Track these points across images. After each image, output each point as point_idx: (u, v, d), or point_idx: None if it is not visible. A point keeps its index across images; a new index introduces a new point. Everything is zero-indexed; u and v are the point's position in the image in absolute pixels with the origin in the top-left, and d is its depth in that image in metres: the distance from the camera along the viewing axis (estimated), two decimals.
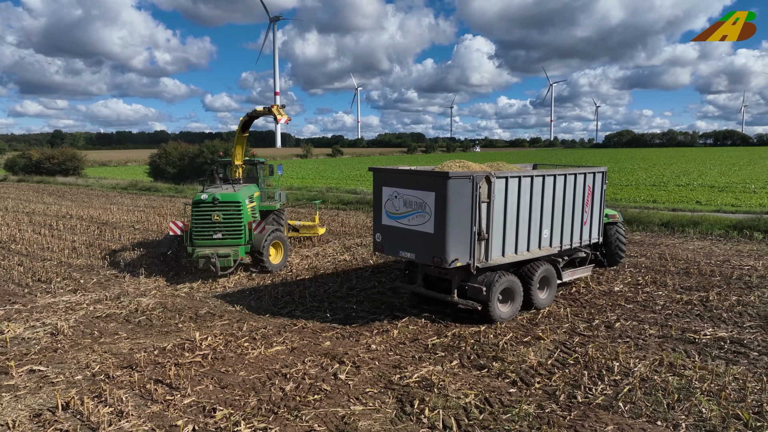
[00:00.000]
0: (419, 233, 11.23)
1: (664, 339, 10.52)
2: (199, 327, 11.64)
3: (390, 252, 12.07)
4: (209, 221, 15.55)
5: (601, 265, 15.73)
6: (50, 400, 8.31)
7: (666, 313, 12.02)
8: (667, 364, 9.23)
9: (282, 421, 7.70)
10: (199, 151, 49.66)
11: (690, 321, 11.50)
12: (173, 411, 7.99)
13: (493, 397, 8.28)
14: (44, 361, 9.86)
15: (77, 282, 15.45)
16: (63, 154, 69.74)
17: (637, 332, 10.90)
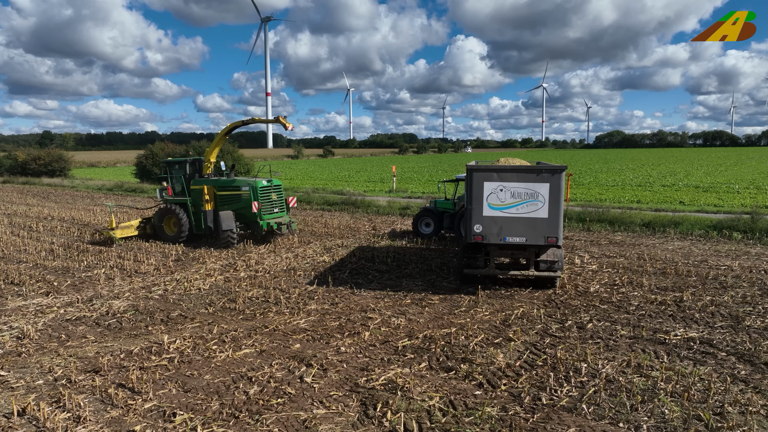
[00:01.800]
0: (529, 219, 13.27)
1: (635, 340, 10.50)
2: (169, 330, 11.51)
3: (493, 240, 13.58)
4: (270, 200, 21.09)
5: None
6: (7, 406, 8.16)
7: (639, 314, 12.01)
8: (635, 365, 9.21)
9: (242, 425, 7.61)
10: (186, 152, 49.34)
11: (662, 321, 11.49)
12: (132, 416, 7.87)
13: (458, 400, 8.22)
14: (6, 365, 9.70)
15: (50, 284, 15.26)
16: (49, 155, 69.09)
17: (608, 333, 10.89)
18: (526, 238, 13.48)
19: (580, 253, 18.27)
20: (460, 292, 13.95)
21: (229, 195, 20.80)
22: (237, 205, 20.76)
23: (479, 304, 12.91)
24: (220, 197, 20.89)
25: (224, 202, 20.88)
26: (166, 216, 21.53)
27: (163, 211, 21.51)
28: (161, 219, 21.57)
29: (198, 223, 21.27)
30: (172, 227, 21.61)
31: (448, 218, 20.82)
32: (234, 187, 20.86)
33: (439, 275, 15.73)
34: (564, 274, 15.44)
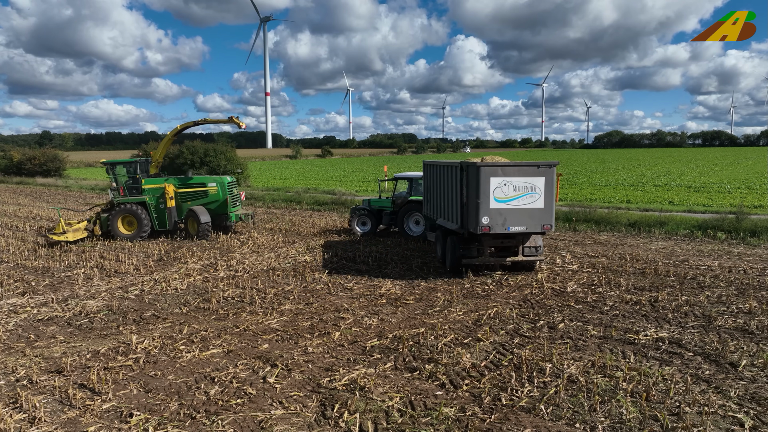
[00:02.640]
0: (528, 210, 14.56)
1: (605, 340, 10.46)
2: (140, 330, 11.48)
3: (498, 230, 14.58)
4: (233, 194, 22.99)
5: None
6: None
7: (613, 314, 11.97)
8: (600, 366, 9.16)
9: (198, 426, 7.57)
10: (179, 152, 49.30)
11: (635, 321, 11.45)
12: (89, 417, 7.83)
13: (418, 400, 8.18)
14: None
15: (28, 284, 15.23)
16: (44, 155, 69.09)
17: (579, 333, 10.84)
18: (526, 226, 14.70)
19: (563, 253, 18.23)
20: (437, 292, 13.91)
21: (193, 191, 22.45)
22: (203, 200, 22.53)
23: (454, 304, 12.87)
24: (182, 194, 22.33)
25: (187, 199, 22.40)
26: (122, 216, 21.66)
27: (119, 210, 21.58)
28: (116, 219, 21.60)
29: (161, 221, 22.05)
30: (128, 226, 21.85)
31: (387, 216, 21.87)
32: (198, 184, 22.63)
33: (419, 275, 15.70)
34: (543, 274, 15.42)
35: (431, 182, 17.87)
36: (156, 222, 22.14)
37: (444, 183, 16.38)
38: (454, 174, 15.45)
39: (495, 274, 15.50)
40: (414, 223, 21.61)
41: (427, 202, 18.70)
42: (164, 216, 22.12)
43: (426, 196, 18.89)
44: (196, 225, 21.61)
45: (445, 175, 16.31)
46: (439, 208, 17.09)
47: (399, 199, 21.76)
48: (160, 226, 22.18)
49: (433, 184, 17.57)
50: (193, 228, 21.92)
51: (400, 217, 21.48)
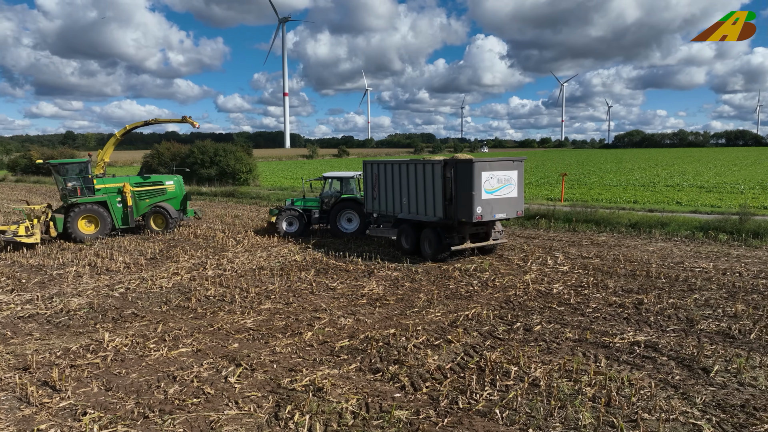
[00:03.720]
0: (507, 199, 16.63)
1: (579, 343, 10.22)
2: (115, 328, 11.53)
3: (487, 218, 16.34)
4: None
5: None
6: None
7: (594, 316, 11.70)
8: (567, 370, 8.94)
9: (149, 425, 7.55)
10: (190, 152, 49.87)
11: (615, 324, 11.17)
12: (44, 415, 7.86)
13: (374, 402, 8.06)
14: None
15: (18, 282, 15.44)
16: (62, 154, 70.35)
17: (554, 336, 10.61)
18: (506, 213, 16.76)
19: (557, 254, 17.92)
20: (420, 292, 13.75)
21: (151, 189, 23.55)
22: (162, 197, 23.78)
23: (433, 305, 12.71)
24: (140, 193, 23.18)
25: (144, 197, 23.32)
26: (83, 215, 21.71)
27: (80, 211, 21.56)
28: (77, 219, 21.52)
29: (125, 218, 22.73)
30: (87, 226, 21.91)
31: (316, 215, 22.16)
32: (156, 182, 23.87)
33: (407, 275, 15.55)
34: (531, 275, 15.17)
35: (388, 180, 18.83)
36: (119, 220, 22.69)
37: (414, 180, 17.61)
38: (432, 171, 16.84)
39: (483, 275, 15.30)
40: (346, 221, 22.09)
41: (379, 200, 19.54)
42: (125, 214, 22.79)
43: (378, 193, 19.56)
44: (165, 220, 23.25)
45: (415, 172, 17.54)
46: (403, 204, 18.30)
47: (330, 198, 22.17)
48: (123, 224, 22.83)
49: (393, 182, 18.58)
50: (158, 224, 23.47)
51: (332, 216, 21.84)
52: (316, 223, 22.33)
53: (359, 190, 22.14)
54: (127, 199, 22.52)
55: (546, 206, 25.88)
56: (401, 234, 18.55)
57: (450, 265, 16.59)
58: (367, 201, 20.35)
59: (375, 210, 20.01)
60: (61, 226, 21.25)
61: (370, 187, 19.86)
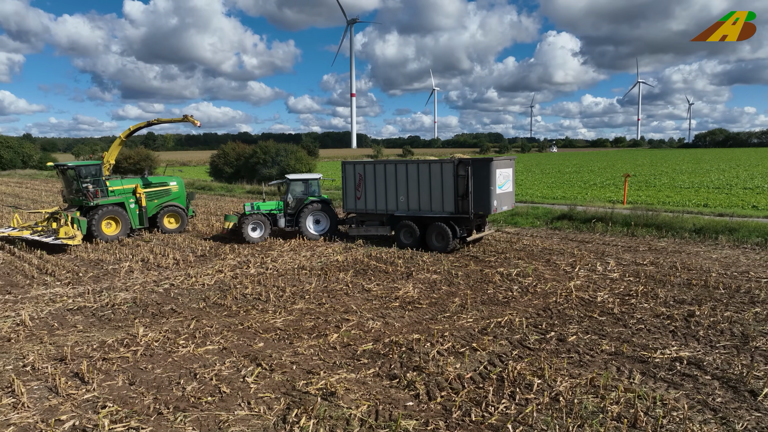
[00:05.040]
0: (508, 193, 18.92)
1: (614, 356, 9.58)
2: (152, 323, 11.91)
3: (498, 210, 18.46)
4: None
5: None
6: None
7: (637, 328, 10.95)
8: (595, 384, 8.38)
9: (161, 421, 7.68)
10: (253, 152, 51.29)
11: (658, 338, 10.40)
12: (68, 405, 8.17)
13: (385, 410, 7.85)
14: None
15: (75, 275, 16.30)
16: (138, 154, 74.28)
17: (588, 347, 10.00)
18: (507, 206, 19.06)
19: (608, 259, 17.00)
20: (456, 297, 13.39)
21: (158, 191, 24.03)
22: (167, 198, 24.37)
23: (467, 310, 12.33)
24: (149, 194, 23.55)
25: (152, 198, 23.74)
26: (106, 217, 21.93)
27: (104, 212, 21.81)
28: (101, 220, 21.72)
29: (140, 218, 23.30)
30: (107, 227, 22.04)
31: (282, 218, 21.76)
32: (161, 183, 24.43)
33: (445, 278, 15.20)
34: (576, 281, 14.44)
35: (378, 180, 19.87)
36: (135, 220, 23.15)
37: (416, 178, 19.00)
38: (441, 169, 18.44)
39: (525, 280, 14.71)
40: (314, 222, 21.79)
41: (365, 199, 20.37)
42: (139, 215, 23.29)
43: (363, 194, 20.37)
44: (182, 219, 24.16)
45: (418, 171, 18.97)
46: (400, 202, 19.51)
47: (295, 201, 21.80)
48: (140, 224, 23.39)
49: (387, 182, 19.65)
50: (171, 223, 24.14)
51: (302, 219, 21.43)
52: (283, 226, 21.80)
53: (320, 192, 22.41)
54: (142, 200, 23.13)
55: (604, 209, 24.65)
56: (400, 230, 19.58)
57: (492, 269, 16.09)
58: (347, 201, 20.90)
59: (359, 210, 20.62)
60: (85, 228, 21.10)
61: (353, 188, 20.53)
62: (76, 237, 19.94)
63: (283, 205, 22.06)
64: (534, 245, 19.55)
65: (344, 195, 21.00)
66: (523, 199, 32.20)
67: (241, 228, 21.03)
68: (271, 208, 22.06)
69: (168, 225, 24.14)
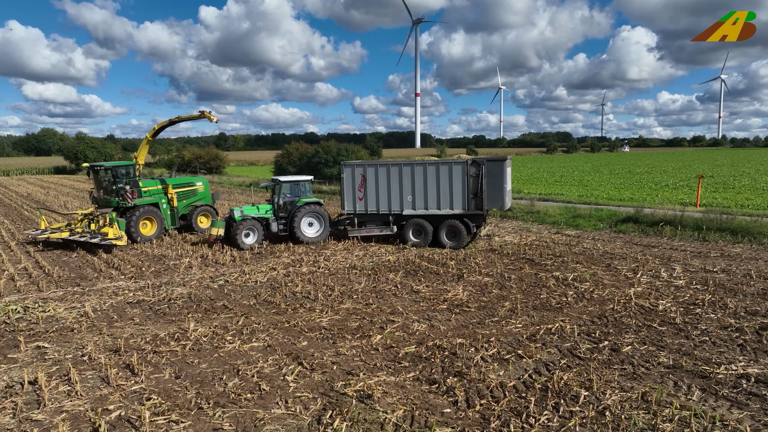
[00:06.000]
0: (510, 191, 20.00)
1: (672, 370, 8.95)
2: (203, 318, 12.23)
3: (506, 207, 20.04)
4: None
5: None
6: (32, 374, 9.26)
7: (701, 340, 10.21)
8: (647, 399, 7.84)
9: (200, 416, 7.83)
10: (315, 152, 52.09)
11: (724, 352, 9.65)
12: (117, 396, 8.48)
13: (421, 415, 7.67)
14: (54, 338, 11.02)
15: (139, 269, 17.04)
16: (208, 153, 77.55)
17: (644, 359, 9.40)
18: (510, 202, 20.35)
19: (675, 265, 16.01)
20: (506, 300, 12.98)
21: (186, 191, 24.60)
22: (194, 198, 24.88)
23: (517, 315, 11.92)
24: (178, 194, 23.94)
25: (182, 198, 24.19)
26: (144, 217, 22.06)
27: (142, 212, 21.90)
28: (139, 221, 21.81)
29: (172, 218, 23.69)
30: (143, 227, 22.10)
31: (275, 222, 20.81)
32: (188, 183, 25.13)
33: (497, 281, 14.78)
34: (637, 288, 13.69)
35: (381, 181, 19.97)
36: (168, 221, 23.45)
37: (423, 178, 19.45)
38: (450, 169, 19.07)
39: (581, 285, 14.08)
40: (308, 225, 21.07)
41: (366, 200, 20.37)
42: (172, 215, 23.58)
43: (365, 194, 20.33)
44: (212, 218, 24.08)
45: (424, 172, 19.43)
46: (406, 202, 19.84)
47: (288, 204, 21.07)
48: (173, 225, 23.76)
49: (391, 182, 19.86)
50: (203, 222, 24.49)
51: (296, 222, 20.63)
52: (276, 230, 20.74)
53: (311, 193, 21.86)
54: (173, 200, 23.50)
55: (673, 211, 23.29)
56: (407, 229, 20.00)
57: (547, 272, 15.51)
58: (347, 202, 20.64)
59: (360, 211, 20.58)
60: (124, 228, 20.74)
61: (353, 189, 20.38)
62: (123, 237, 19.94)
63: (273, 209, 21.02)
64: (594, 249, 18.73)
65: (343, 196, 20.67)
66: (586, 200, 31.01)
67: (235, 235, 20.00)
68: (261, 213, 20.85)
69: (201, 224, 24.46)
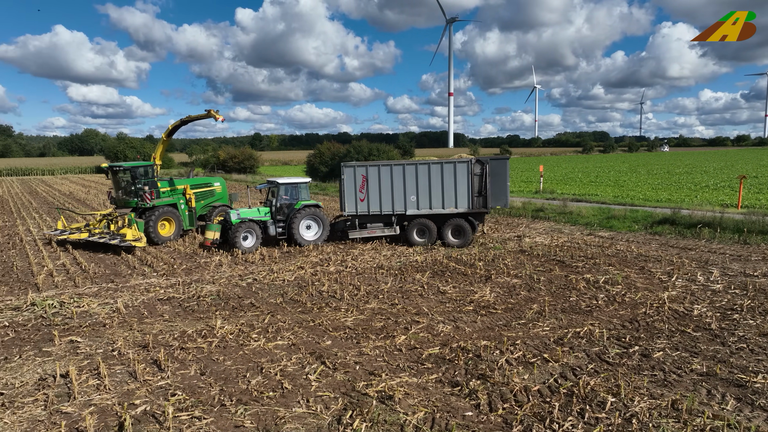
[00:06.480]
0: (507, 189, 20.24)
1: (706, 378, 8.63)
2: (230, 316, 12.38)
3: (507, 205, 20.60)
4: None
5: None
6: (64, 368, 9.52)
7: (737, 347, 9.82)
8: (677, 408, 7.57)
9: (222, 413, 7.91)
10: (347, 151, 52.32)
11: (762, 360, 9.26)
12: (143, 391, 8.64)
13: (442, 418, 7.57)
14: (86, 333, 11.31)
15: (171, 267, 17.37)
16: (243, 153, 78.77)
17: (676, 366, 9.09)
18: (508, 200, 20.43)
19: (712, 269, 15.46)
20: (534, 303, 12.75)
21: (204, 191, 24.62)
22: (212, 198, 24.91)
23: (545, 317, 11.69)
24: (196, 194, 23.92)
25: (200, 198, 24.20)
26: (162, 218, 21.91)
27: (160, 213, 21.67)
28: (158, 222, 21.58)
29: (190, 219, 23.56)
30: (161, 228, 21.97)
31: (272, 225, 20.35)
32: (206, 184, 25.05)
33: (526, 282, 14.54)
34: (671, 292, 13.27)
35: (384, 182, 19.95)
36: (186, 221, 23.21)
37: (427, 178, 19.65)
38: (454, 169, 19.44)
39: (613, 288, 13.73)
40: (306, 228, 20.70)
41: (368, 201, 20.25)
42: (189, 215, 23.39)
43: (367, 195, 20.19)
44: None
45: (429, 172, 19.64)
46: (410, 202, 19.95)
47: (285, 207, 20.63)
48: (191, 225, 23.53)
49: (393, 183, 19.90)
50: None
51: (294, 224, 20.25)
52: (274, 234, 20.35)
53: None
54: (192, 201, 23.31)
55: (713, 213, 22.52)
56: (411, 229, 20.13)
57: (578, 275, 15.18)
58: (347, 203, 20.39)
59: (362, 212, 20.42)
60: (142, 229, 20.66)
61: (354, 190, 20.22)
62: (142, 239, 19.84)
63: (270, 212, 20.56)
64: (628, 251, 18.25)
65: (342, 198, 20.42)
66: (622, 201, 30.26)
67: (233, 238, 19.41)
68: (257, 215, 20.36)
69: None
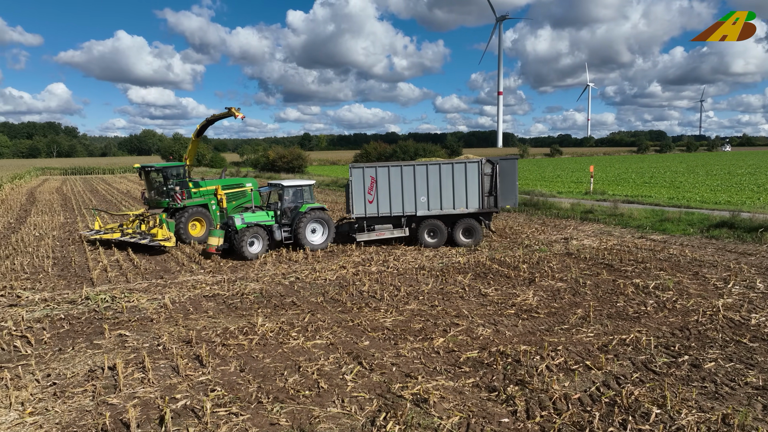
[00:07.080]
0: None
1: (761, 391, 8.15)
2: (272, 313, 12.56)
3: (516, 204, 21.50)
4: None
5: None
6: (111, 361, 9.89)
7: None
8: (728, 423, 7.17)
9: (258, 410, 8.02)
10: (393, 151, 52.54)
11: None
12: (185, 386, 8.87)
13: (477, 423, 7.44)
14: (135, 327, 11.72)
15: (217, 264, 17.80)
16: (291, 153, 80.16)
17: (729, 378, 8.63)
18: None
19: None
20: (579, 307, 12.38)
21: (236, 192, 24.49)
22: (243, 199, 24.61)
23: (589, 323, 11.33)
24: (227, 195, 23.88)
25: (231, 199, 24.05)
26: (193, 218, 22.01)
27: (191, 213, 21.87)
28: (188, 222, 21.76)
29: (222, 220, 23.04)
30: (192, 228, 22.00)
31: (278, 229, 19.64)
32: (237, 185, 25.05)
33: (571, 286, 14.15)
34: (727, 299, 12.63)
35: (393, 183, 19.84)
36: (217, 222, 23.02)
37: (438, 179, 19.71)
38: (465, 169, 19.68)
39: (663, 294, 13.18)
40: (311, 232, 20.03)
41: (377, 203, 20.01)
42: (221, 216, 23.21)
43: (376, 197, 19.97)
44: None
45: (439, 172, 19.71)
46: (420, 203, 19.95)
47: (290, 210, 20.01)
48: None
49: (404, 184, 19.82)
50: None
51: (301, 228, 19.53)
52: (280, 238, 19.64)
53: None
54: (223, 201, 23.26)
55: None
56: (422, 230, 20.00)
57: (626, 279, 14.65)
58: (356, 205, 20.06)
59: (370, 214, 20.13)
60: (173, 229, 20.84)
61: (363, 192, 19.90)
62: (171, 239, 19.86)
63: (275, 215, 19.82)
64: (682, 255, 17.49)
65: (349, 200, 20.09)
66: (677, 203, 29.07)
67: (240, 244, 18.45)
68: (263, 219, 19.47)
69: None
